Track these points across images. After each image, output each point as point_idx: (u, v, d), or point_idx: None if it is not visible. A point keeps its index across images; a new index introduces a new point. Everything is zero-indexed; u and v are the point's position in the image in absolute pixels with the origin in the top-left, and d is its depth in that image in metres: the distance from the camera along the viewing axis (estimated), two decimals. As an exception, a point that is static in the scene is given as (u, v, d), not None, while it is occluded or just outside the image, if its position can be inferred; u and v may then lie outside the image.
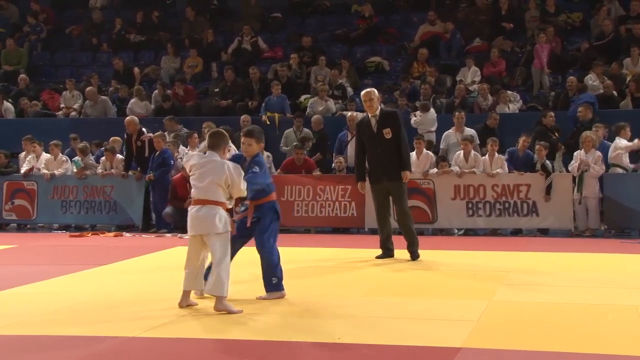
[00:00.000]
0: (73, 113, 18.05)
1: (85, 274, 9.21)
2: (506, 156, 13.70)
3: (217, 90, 17.63)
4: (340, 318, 6.65)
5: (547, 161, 13.29)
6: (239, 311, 6.78)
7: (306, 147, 14.78)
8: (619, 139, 13.29)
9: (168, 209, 13.71)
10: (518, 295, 7.84)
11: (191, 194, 7.08)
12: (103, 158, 14.92)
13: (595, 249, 11.20)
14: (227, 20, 20.96)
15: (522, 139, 13.59)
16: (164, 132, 14.86)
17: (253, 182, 7.09)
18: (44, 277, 8.81)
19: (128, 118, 14.95)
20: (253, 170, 7.16)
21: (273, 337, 6.00)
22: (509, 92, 16.18)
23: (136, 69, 19.17)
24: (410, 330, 6.22)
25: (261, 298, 7.35)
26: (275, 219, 7.41)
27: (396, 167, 10.00)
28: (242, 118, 15.49)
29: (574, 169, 13.03)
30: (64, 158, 15.14)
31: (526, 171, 13.31)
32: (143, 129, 14.59)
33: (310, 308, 7.08)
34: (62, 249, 12.09)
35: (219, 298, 6.80)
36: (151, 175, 14.06)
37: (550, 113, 14.64)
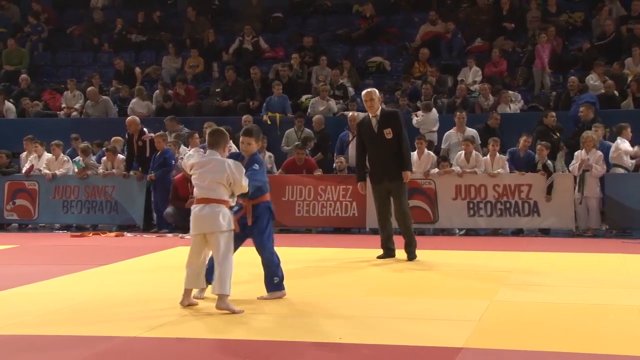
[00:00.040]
0: (74, 113, 18.03)
1: (86, 274, 9.22)
2: (507, 156, 13.68)
3: (218, 90, 17.62)
4: (341, 318, 6.65)
5: (549, 161, 13.28)
6: (240, 311, 6.78)
7: (308, 147, 14.77)
8: (621, 139, 13.29)
9: (169, 209, 13.71)
10: (519, 295, 7.83)
11: (193, 193, 7.09)
12: (104, 158, 14.92)
13: (596, 249, 11.19)
14: (229, 20, 20.97)
15: (523, 139, 13.58)
16: (165, 132, 14.86)
17: (254, 179, 7.14)
18: (45, 277, 8.81)
19: (129, 118, 14.95)
20: (253, 168, 7.22)
21: (274, 337, 6.01)
22: (510, 92, 16.16)
23: (137, 69, 19.16)
24: (411, 330, 6.22)
25: (263, 298, 7.37)
26: (271, 219, 7.46)
27: (397, 167, 10.00)
28: (244, 118, 15.47)
29: (575, 169, 13.03)
30: (66, 158, 15.13)
31: (527, 171, 13.30)
32: (144, 129, 14.59)
33: (311, 308, 7.08)
34: (63, 249, 12.09)
35: (221, 296, 6.80)
36: (152, 175, 14.05)
37: (551, 113, 14.61)
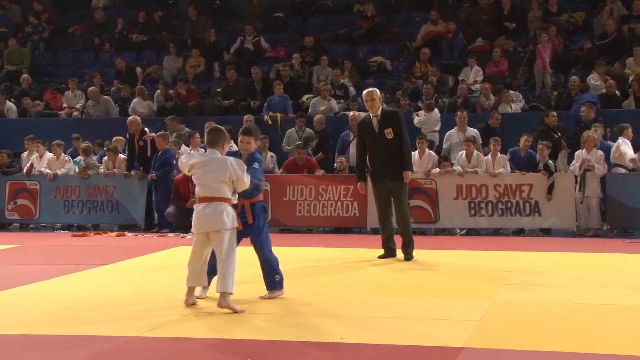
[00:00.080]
0: (75, 113, 18.03)
1: (87, 274, 9.22)
2: (509, 156, 13.67)
3: (220, 90, 17.62)
4: (342, 318, 6.65)
5: (550, 161, 13.28)
6: (242, 311, 6.79)
7: (310, 147, 14.77)
8: (622, 140, 13.27)
9: (170, 209, 13.70)
10: (521, 295, 7.82)
11: (196, 193, 7.09)
12: (106, 158, 14.92)
13: (598, 249, 11.18)
14: (230, 20, 20.96)
15: (525, 139, 13.57)
16: (167, 132, 14.86)
17: (255, 177, 7.20)
18: (47, 277, 8.82)
19: (131, 118, 14.95)
20: (254, 167, 7.27)
21: (276, 337, 6.01)
22: (512, 92, 16.15)
23: (139, 69, 19.17)
24: (413, 330, 6.21)
25: (265, 297, 7.38)
26: (266, 219, 7.54)
27: (398, 167, 9.99)
28: (245, 118, 15.46)
29: (576, 169, 13.03)
30: (67, 158, 15.13)
31: (529, 171, 13.29)
32: (145, 129, 14.58)
33: (312, 308, 7.08)
34: (65, 249, 12.09)
35: (224, 294, 6.80)
36: (154, 175, 14.05)
37: (552, 113, 14.60)
